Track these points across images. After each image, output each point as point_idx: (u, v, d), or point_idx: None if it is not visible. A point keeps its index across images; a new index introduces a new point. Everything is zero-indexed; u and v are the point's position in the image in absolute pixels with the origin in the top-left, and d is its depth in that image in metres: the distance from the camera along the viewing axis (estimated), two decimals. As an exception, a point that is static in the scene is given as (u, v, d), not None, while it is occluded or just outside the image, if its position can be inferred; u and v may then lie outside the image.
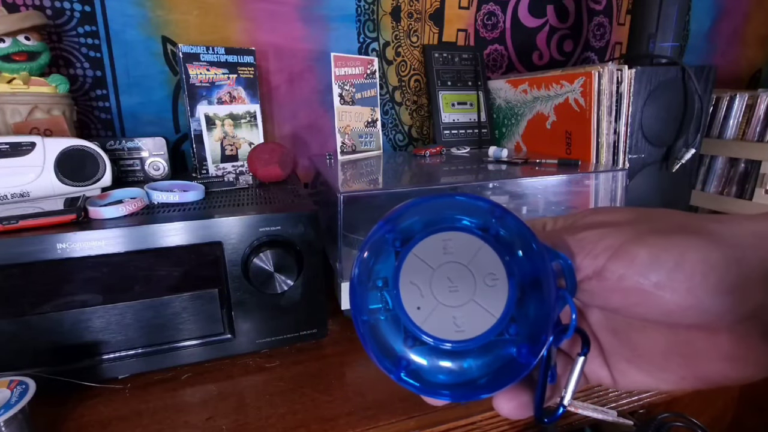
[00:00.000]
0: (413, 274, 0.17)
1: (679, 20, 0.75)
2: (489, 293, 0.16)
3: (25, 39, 0.59)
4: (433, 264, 0.17)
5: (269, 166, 0.60)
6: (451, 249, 0.17)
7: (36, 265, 0.39)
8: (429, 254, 0.17)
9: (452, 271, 0.16)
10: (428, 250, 0.17)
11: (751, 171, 0.83)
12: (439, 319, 0.16)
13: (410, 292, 0.17)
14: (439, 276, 0.16)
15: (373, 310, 0.17)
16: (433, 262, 0.17)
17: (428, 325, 0.16)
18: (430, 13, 0.92)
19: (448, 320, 0.16)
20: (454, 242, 0.17)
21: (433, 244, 0.17)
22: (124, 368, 0.45)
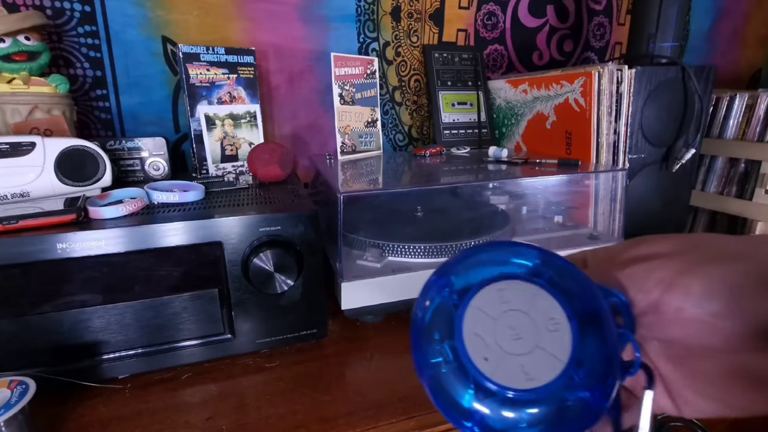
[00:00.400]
0: (475, 325, 0.17)
1: (679, 20, 0.75)
2: (553, 338, 0.16)
3: (25, 39, 0.59)
4: (494, 314, 0.17)
5: (269, 166, 0.60)
6: (508, 298, 0.17)
7: (36, 265, 0.39)
8: (487, 305, 0.17)
9: (513, 320, 0.16)
10: (486, 300, 0.17)
11: (751, 171, 0.83)
12: (507, 369, 0.16)
13: (475, 344, 0.17)
14: (501, 326, 0.16)
15: (434, 364, 0.18)
16: (493, 312, 0.17)
17: (498, 375, 0.16)
18: (430, 13, 0.92)
19: (516, 369, 0.16)
20: (509, 291, 0.17)
21: (489, 294, 0.17)
22: (124, 368, 0.45)
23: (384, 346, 0.51)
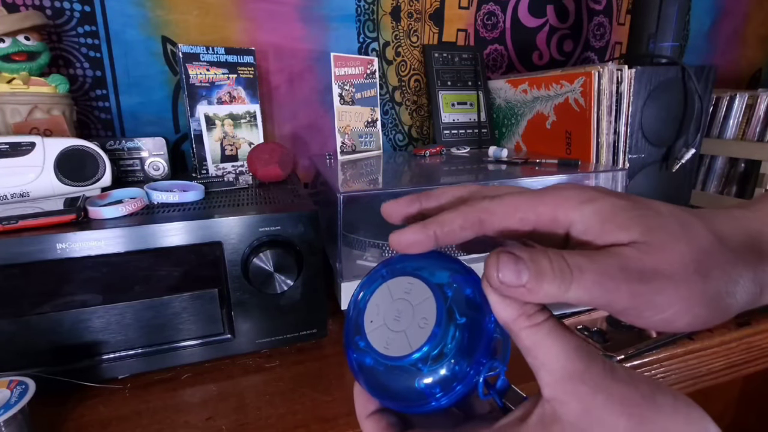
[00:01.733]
0: (380, 299, 0.22)
1: (679, 20, 0.75)
2: (417, 332, 0.20)
3: (25, 39, 0.59)
4: (395, 296, 0.22)
5: (269, 166, 0.60)
6: (411, 290, 0.21)
7: (36, 265, 0.39)
8: (396, 289, 0.22)
9: (403, 306, 0.21)
10: (397, 286, 0.22)
11: (751, 171, 0.83)
12: (378, 335, 0.21)
13: (372, 308, 0.22)
14: (393, 306, 0.22)
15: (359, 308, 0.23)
16: (395, 294, 0.22)
17: (371, 335, 0.22)
18: (430, 13, 0.92)
19: (383, 338, 0.21)
20: (416, 287, 0.21)
21: (402, 282, 0.22)
22: (124, 368, 0.45)
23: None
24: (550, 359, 0.18)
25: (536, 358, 0.18)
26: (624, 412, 0.16)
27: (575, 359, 0.17)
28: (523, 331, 0.18)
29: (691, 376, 0.52)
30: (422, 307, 0.21)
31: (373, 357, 0.22)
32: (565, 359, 0.17)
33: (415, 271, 0.22)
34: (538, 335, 0.18)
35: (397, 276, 0.22)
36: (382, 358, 0.21)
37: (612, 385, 0.17)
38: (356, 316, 0.23)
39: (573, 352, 0.17)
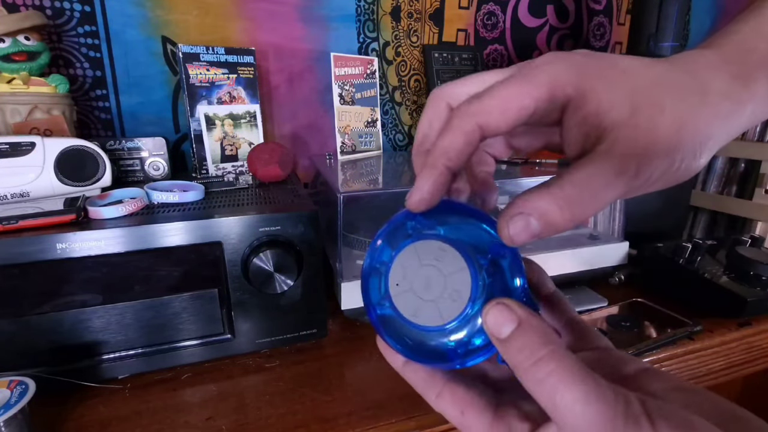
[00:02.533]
0: (406, 260, 0.21)
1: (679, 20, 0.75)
2: (449, 305, 0.20)
3: (25, 39, 0.59)
4: (423, 261, 0.20)
5: (269, 166, 0.60)
6: (442, 258, 0.20)
7: (36, 265, 0.39)
8: (424, 253, 0.20)
9: (433, 273, 0.20)
10: (425, 249, 0.20)
11: (751, 171, 0.83)
12: (405, 300, 0.21)
13: (397, 270, 0.21)
14: (421, 272, 0.20)
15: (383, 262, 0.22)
16: (424, 260, 0.20)
17: (397, 300, 0.21)
18: (430, 13, 0.92)
19: (411, 305, 0.20)
20: (447, 254, 0.20)
21: (431, 246, 0.20)
22: (124, 368, 0.45)
23: (384, 346, 0.51)
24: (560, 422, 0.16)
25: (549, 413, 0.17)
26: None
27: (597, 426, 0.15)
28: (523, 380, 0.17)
29: (691, 376, 0.52)
30: (455, 278, 0.20)
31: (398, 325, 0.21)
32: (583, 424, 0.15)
33: (445, 233, 0.21)
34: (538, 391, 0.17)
35: (426, 238, 0.21)
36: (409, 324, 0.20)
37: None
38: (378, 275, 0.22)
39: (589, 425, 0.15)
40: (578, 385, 0.16)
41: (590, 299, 0.61)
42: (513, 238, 0.18)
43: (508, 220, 0.18)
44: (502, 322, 0.18)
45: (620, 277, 0.65)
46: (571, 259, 0.61)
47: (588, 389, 0.15)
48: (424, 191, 0.20)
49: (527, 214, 0.18)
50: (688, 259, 0.62)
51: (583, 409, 0.15)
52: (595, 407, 0.15)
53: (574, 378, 0.16)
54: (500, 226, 0.19)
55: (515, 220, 0.18)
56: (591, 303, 0.60)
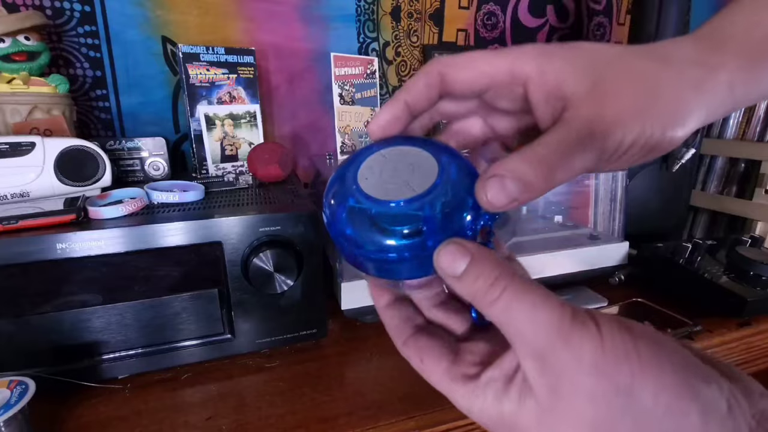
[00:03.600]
0: (374, 162, 0.22)
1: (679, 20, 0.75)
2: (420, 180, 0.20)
3: (25, 39, 0.59)
4: (390, 159, 0.21)
5: (269, 166, 0.60)
6: (408, 154, 0.21)
7: (36, 265, 0.39)
8: (391, 154, 0.22)
9: (400, 164, 0.21)
10: (392, 152, 0.22)
11: (751, 171, 0.83)
12: (376, 187, 0.21)
13: (366, 171, 0.21)
14: (389, 165, 0.21)
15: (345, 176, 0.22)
16: (390, 158, 0.21)
17: (367, 188, 0.21)
18: (430, 13, 0.92)
19: (382, 188, 0.21)
20: (413, 152, 0.21)
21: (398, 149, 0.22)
22: (124, 368, 0.45)
23: (384, 346, 0.51)
24: (513, 338, 0.17)
25: (504, 334, 0.18)
26: (591, 402, 0.16)
27: (537, 340, 0.16)
28: (484, 310, 0.18)
29: (691, 376, 0.52)
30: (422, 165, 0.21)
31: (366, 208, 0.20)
32: (528, 340, 0.17)
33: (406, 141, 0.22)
34: (496, 314, 0.18)
35: (390, 146, 0.22)
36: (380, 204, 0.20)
37: (578, 375, 0.16)
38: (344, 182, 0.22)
39: (534, 331, 0.16)
40: (528, 295, 0.17)
41: (590, 299, 0.61)
42: (491, 201, 0.18)
43: (485, 182, 0.18)
44: (455, 260, 0.18)
45: (620, 277, 0.65)
46: (571, 259, 0.61)
47: (536, 298, 0.17)
48: (381, 119, 0.22)
49: (501, 176, 0.18)
50: (688, 259, 0.62)
51: (533, 314, 0.17)
52: (543, 312, 0.16)
53: (524, 290, 0.17)
54: (477, 191, 0.19)
55: (491, 183, 0.18)
56: (591, 303, 0.60)
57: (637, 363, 0.15)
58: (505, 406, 0.18)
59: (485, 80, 0.21)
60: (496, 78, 0.21)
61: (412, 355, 0.22)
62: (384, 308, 0.24)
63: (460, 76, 0.21)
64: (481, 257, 0.18)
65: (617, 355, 0.15)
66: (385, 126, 0.22)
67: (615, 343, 0.16)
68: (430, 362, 0.21)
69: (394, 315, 0.23)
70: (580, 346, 0.16)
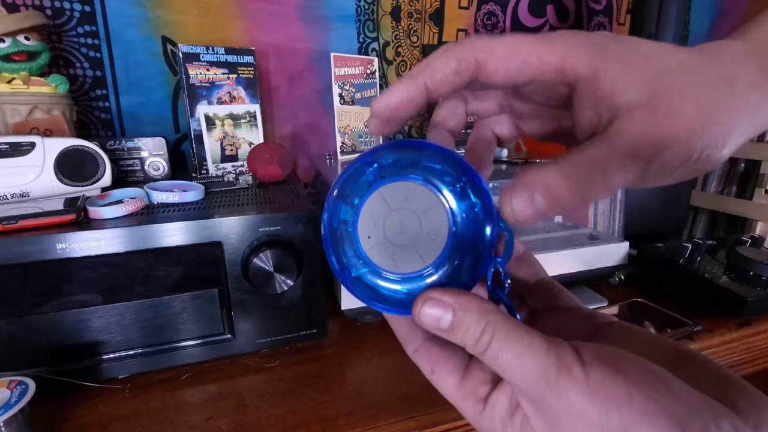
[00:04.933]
0: (374, 208, 0.19)
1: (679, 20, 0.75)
2: (428, 244, 0.19)
3: (24, 39, 0.59)
4: (393, 206, 0.19)
5: (269, 166, 0.60)
6: (412, 198, 0.19)
7: (36, 265, 0.39)
8: (392, 196, 0.19)
9: (406, 217, 0.19)
10: (393, 192, 0.19)
11: (751, 171, 0.83)
12: (381, 251, 0.19)
13: (367, 221, 0.20)
14: (393, 217, 0.19)
15: (342, 221, 0.20)
16: (393, 204, 0.19)
17: (372, 252, 0.19)
18: (430, 13, 0.92)
19: (388, 254, 0.19)
20: (416, 193, 0.19)
21: (398, 188, 0.19)
22: (124, 368, 0.45)
23: (384, 346, 0.51)
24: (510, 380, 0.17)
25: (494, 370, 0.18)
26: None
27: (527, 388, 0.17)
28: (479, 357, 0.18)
29: (691, 376, 0.52)
30: (430, 216, 0.19)
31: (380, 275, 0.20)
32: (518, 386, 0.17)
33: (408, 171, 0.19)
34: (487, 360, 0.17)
35: (390, 181, 0.19)
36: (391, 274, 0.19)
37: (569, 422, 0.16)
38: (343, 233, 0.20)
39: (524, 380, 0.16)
40: (513, 344, 0.17)
41: (590, 299, 0.61)
42: (516, 215, 0.17)
43: (511, 193, 0.17)
44: (438, 316, 0.18)
45: (620, 277, 0.65)
46: (571, 259, 0.61)
47: (521, 346, 0.16)
48: (392, 100, 0.19)
49: (532, 189, 0.17)
50: (688, 259, 0.62)
51: (518, 363, 0.16)
52: (527, 360, 0.16)
53: (509, 338, 0.17)
54: (502, 201, 0.17)
55: (518, 194, 0.17)
56: (591, 303, 0.60)
57: (629, 414, 0.15)
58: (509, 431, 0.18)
59: (528, 74, 0.18)
60: (542, 74, 0.18)
61: (422, 363, 0.21)
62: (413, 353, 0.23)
63: (501, 67, 0.18)
64: (463, 309, 0.18)
65: (608, 405, 0.15)
66: (395, 109, 0.19)
67: (605, 392, 0.15)
68: (441, 374, 0.21)
69: (402, 321, 0.22)
70: (567, 398, 0.16)
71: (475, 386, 0.20)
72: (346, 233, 0.20)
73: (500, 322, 0.17)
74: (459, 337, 0.18)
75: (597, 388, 0.15)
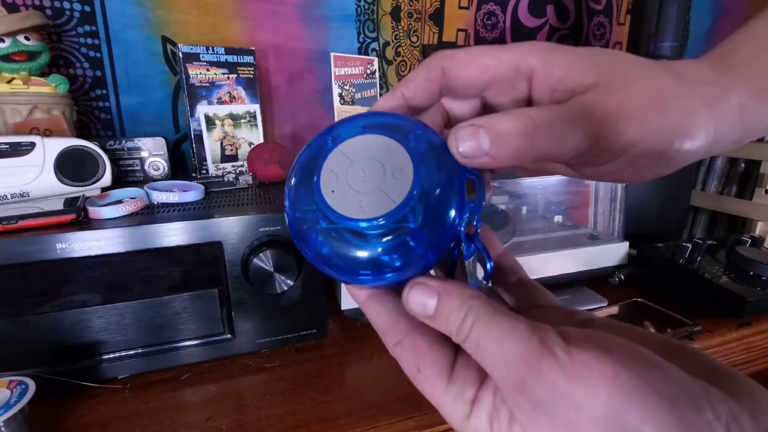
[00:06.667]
0: (335, 165, 0.19)
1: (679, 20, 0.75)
2: (395, 184, 0.18)
3: (24, 39, 0.59)
4: (353, 158, 0.19)
5: (269, 166, 0.60)
6: (371, 148, 0.19)
7: (36, 265, 0.39)
8: (352, 151, 0.19)
9: (367, 165, 0.19)
10: (353, 148, 0.19)
11: (751, 171, 0.83)
12: (347, 201, 0.18)
13: (329, 178, 0.19)
14: (355, 168, 0.19)
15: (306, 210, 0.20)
16: (353, 156, 0.19)
17: (338, 205, 0.18)
18: (430, 13, 0.92)
19: (354, 202, 0.18)
20: (375, 142, 0.19)
21: (357, 143, 0.19)
22: (124, 368, 0.45)
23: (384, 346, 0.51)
24: (488, 370, 0.17)
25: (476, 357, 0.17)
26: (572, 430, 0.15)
27: (507, 375, 0.16)
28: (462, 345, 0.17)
29: (691, 376, 0.52)
30: (391, 159, 0.18)
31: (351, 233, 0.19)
32: (499, 374, 0.16)
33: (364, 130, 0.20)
34: (470, 347, 0.17)
35: (348, 138, 0.20)
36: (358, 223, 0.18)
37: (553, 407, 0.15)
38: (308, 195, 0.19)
39: (505, 366, 0.16)
40: (494, 328, 0.16)
41: (590, 299, 0.61)
42: (460, 147, 0.17)
43: (458, 127, 0.17)
44: (424, 301, 0.18)
45: (620, 277, 0.65)
46: (571, 259, 0.61)
47: (502, 330, 0.16)
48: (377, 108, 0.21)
49: (479, 126, 0.17)
50: (688, 259, 0.62)
51: (498, 348, 0.16)
52: (508, 345, 0.16)
53: (490, 323, 0.16)
54: (449, 140, 0.18)
55: (466, 127, 0.17)
56: (591, 303, 0.60)
57: (616, 393, 0.14)
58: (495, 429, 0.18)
59: (489, 74, 0.20)
60: (500, 73, 0.20)
61: (406, 359, 0.20)
62: (367, 301, 0.21)
63: (464, 71, 0.20)
64: (447, 294, 0.17)
65: (594, 385, 0.14)
66: None
67: (592, 372, 0.14)
68: (428, 374, 0.19)
69: (381, 309, 0.21)
70: (551, 380, 0.15)
71: (463, 387, 0.19)
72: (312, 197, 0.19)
73: (482, 308, 0.17)
74: (443, 323, 0.18)
75: (582, 370, 0.14)
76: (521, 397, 0.16)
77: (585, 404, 0.14)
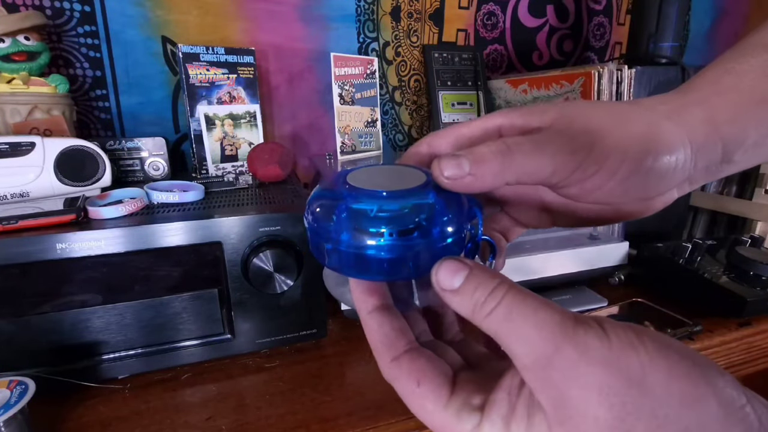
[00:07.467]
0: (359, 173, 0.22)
1: (679, 20, 0.75)
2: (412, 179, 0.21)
3: (24, 39, 0.59)
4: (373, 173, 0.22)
5: (269, 166, 0.60)
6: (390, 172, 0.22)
7: (36, 265, 0.39)
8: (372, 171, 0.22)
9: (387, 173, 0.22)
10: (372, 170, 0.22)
11: (751, 171, 0.83)
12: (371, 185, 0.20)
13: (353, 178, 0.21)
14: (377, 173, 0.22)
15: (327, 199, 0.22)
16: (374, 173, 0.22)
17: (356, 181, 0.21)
18: (430, 13, 0.92)
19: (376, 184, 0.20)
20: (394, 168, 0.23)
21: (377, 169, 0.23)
22: (123, 368, 0.45)
23: (384, 346, 0.51)
24: (514, 346, 0.16)
25: (504, 346, 0.17)
26: (603, 403, 0.15)
27: (540, 342, 0.16)
28: (483, 322, 0.17)
29: (691, 376, 0.52)
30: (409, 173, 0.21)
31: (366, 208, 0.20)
32: (530, 344, 0.16)
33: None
34: (495, 322, 0.17)
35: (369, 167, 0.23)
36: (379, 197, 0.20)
37: (587, 372, 0.15)
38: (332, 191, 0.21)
39: (537, 333, 0.16)
40: (528, 300, 0.17)
41: (590, 299, 0.61)
42: (443, 172, 0.19)
43: (440, 159, 0.20)
44: (454, 274, 0.18)
45: (620, 277, 0.65)
46: (571, 259, 0.61)
47: (537, 303, 0.17)
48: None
49: (458, 155, 0.19)
50: (688, 259, 0.62)
51: (536, 317, 0.16)
52: (546, 314, 0.16)
53: (524, 296, 0.17)
54: (432, 167, 0.20)
55: (446, 157, 0.19)
56: (591, 303, 0.60)
57: (645, 354, 0.15)
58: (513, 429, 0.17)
59: (463, 141, 0.23)
60: (473, 137, 0.23)
61: (404, 376, 0.20)
62: (371, 313, 0.21)
63: (444, 141, 0.24)
64: (479, 270, 0.18)
65: (623, 347, 0.15)
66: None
67: (620, 337, 0.15)
68: (429, 387, 0.19)
69: (384, 323, 0.21)
70: (585, 342, 0.15)
71: (468, 396, 0.18)
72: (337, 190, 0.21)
73: (513, 284, 0.18)
74: (468, 295, 0.18)
75: (613, 335, 0.15)
76: (548, 373, 0.16)
77: (617, 365, 0.15)
